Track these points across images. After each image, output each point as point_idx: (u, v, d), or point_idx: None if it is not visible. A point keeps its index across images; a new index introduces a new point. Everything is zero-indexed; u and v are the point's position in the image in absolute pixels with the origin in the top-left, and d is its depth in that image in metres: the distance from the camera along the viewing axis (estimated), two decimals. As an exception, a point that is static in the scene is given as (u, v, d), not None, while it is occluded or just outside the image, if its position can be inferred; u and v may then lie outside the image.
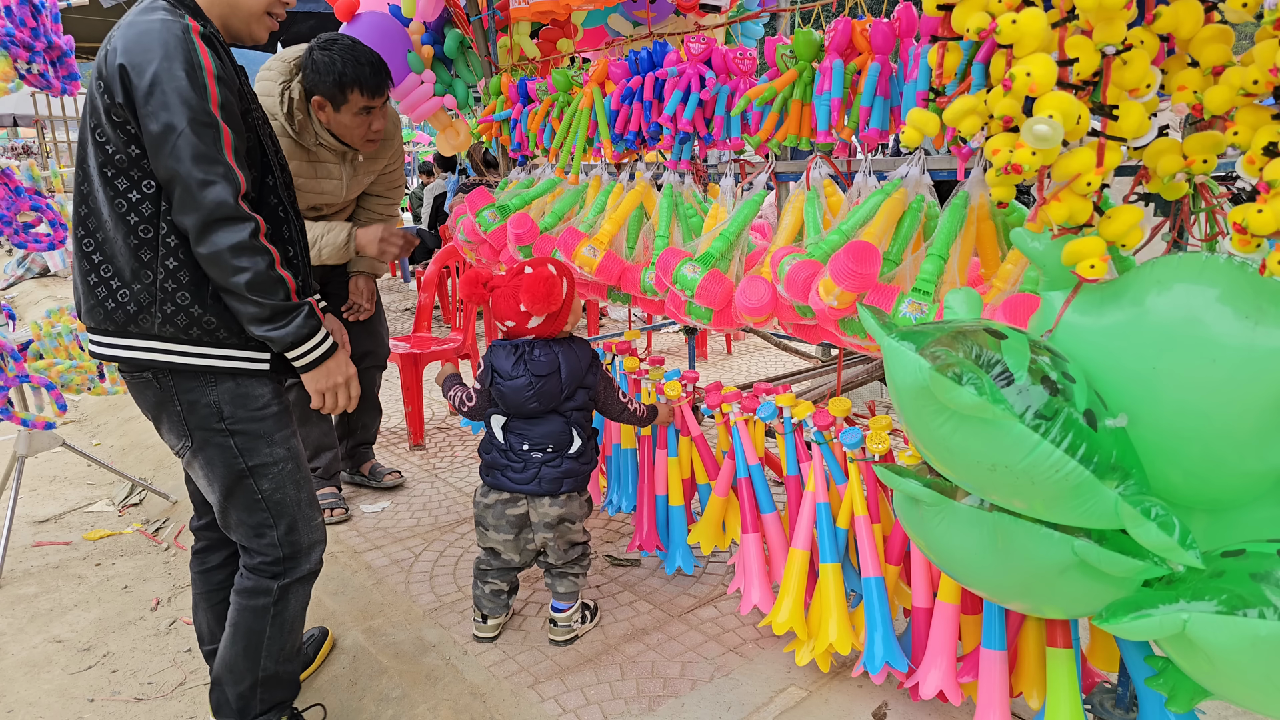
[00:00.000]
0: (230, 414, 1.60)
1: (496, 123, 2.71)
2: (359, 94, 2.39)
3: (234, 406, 1.60)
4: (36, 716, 2.10)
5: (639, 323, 5.35)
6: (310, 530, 1.73)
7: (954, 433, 1.13)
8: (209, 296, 1.55)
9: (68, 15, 4.66)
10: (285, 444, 1.67)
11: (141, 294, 1.53)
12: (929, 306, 1.48)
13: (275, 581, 1.71)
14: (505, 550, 2.11)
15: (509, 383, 2.00)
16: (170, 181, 1.47)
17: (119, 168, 1.49)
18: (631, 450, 2.46)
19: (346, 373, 1.66)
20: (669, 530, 2.37)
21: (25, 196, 3.00)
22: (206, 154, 1.45)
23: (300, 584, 1.75)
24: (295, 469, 1.69)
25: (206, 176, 1.45)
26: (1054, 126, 1.05)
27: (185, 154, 1.44)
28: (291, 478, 1.68)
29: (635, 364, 2.47)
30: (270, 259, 1.51)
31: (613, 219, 2.19)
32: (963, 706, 1.80)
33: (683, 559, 2.33)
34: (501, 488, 2.07)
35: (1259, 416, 1.06)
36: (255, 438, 1.63)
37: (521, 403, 2.00)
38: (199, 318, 1.55)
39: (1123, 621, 1.11)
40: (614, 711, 1.89)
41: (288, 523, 1.69)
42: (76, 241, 1.57)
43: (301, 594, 1.76)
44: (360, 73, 2.36)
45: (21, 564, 2.88)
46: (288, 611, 1.74)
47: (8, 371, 2.81)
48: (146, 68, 1.43)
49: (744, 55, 2.02)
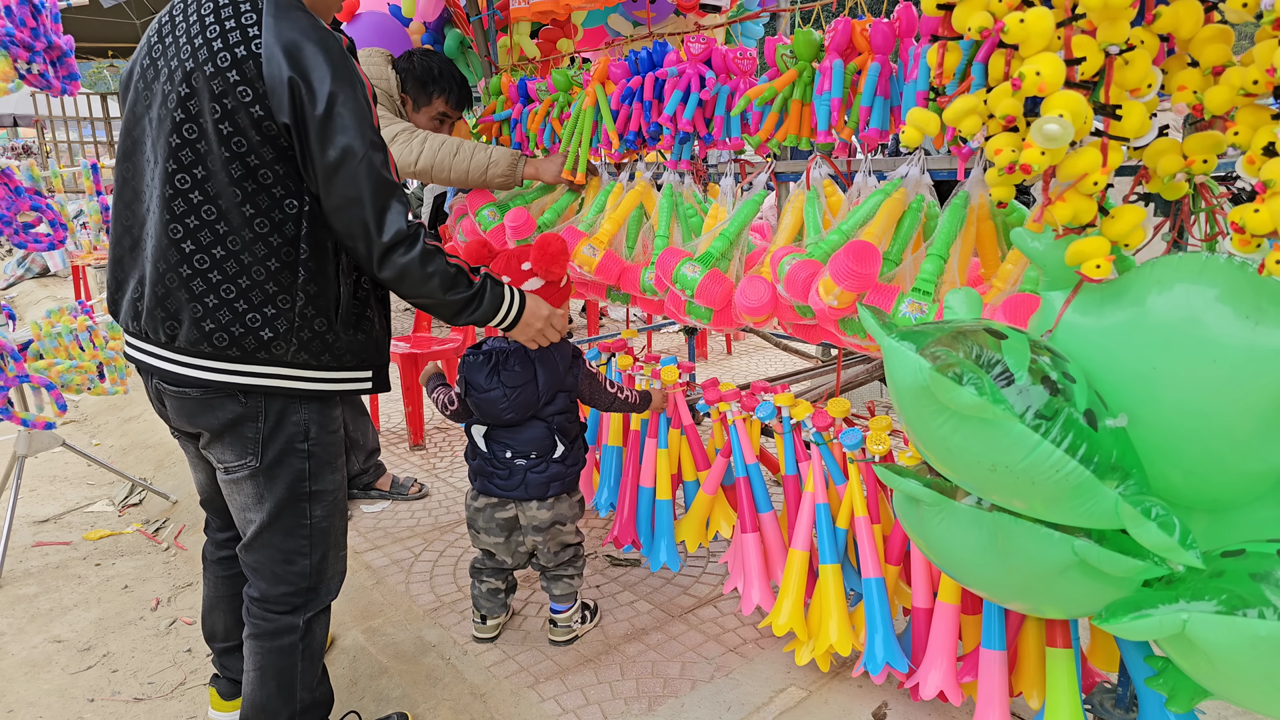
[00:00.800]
0: (315, 435, 1.54)
1: (496, 123, 2.71)
2: (444, 101, 2.60)
3: (319, 428, 1.55)
4: (36, 716, 2.10)
5: (639, 323, 5.35)
6: (338, 560, 1.68)
7: (954, 433, 1.13)
8: (339, 322, 1.50)
9: (68, 15, 4.65)
10: (341, 470, 1.63)
11: (278, 319, 1.44)
12: (929, 306, 1.48)
13: (297, 616, 1.62)
14: (498, 552, 2.11)
15: (483, 395, 1.96)
16: (344, 208, 1.39)
17: (262, 184, 1.38)
18: (618, 448, 2.45)
19: (542, 314, 1.73)
20: (653, 525, 2.33)
21: (25, 196, 3.00)
22: (383, 179, 1.40)
23: (323, 614, 1.68)
24: (342, 498, 1.65)
25: (386, 203, 1.40)
26: (1065, 126, 1.05)
27: (365, 180, 1.37)
28: (339, 507, 1.64)
29: (629, 362, 2.47)
30: (444, 254, 1.49)
31: (612, 219, 2.19)
32: (963, 706, 1.80)
33: (668, 555, 2.29)
34: (489, 493, 2.06)
35: (1259, 416, 1.06)
36: (324, 462, 1.57)
37: (497, 414, 1.98)
38: (332, 344, 1.50)
39: (1123, 621, 1.12)
40: (614, 711, 1.89)
41: (323, 551, 1.62)
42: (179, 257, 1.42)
43: (324, 621, 1.70)
44: (451, 84, 2.59)
45: (21, 564, 2.88)
46: (315, 643, 1.66)
47: (8, 371, 2.81)
48: (320, 86, 1.34)
49: (744, 55, 2.01)
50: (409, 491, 3.18)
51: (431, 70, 2.55)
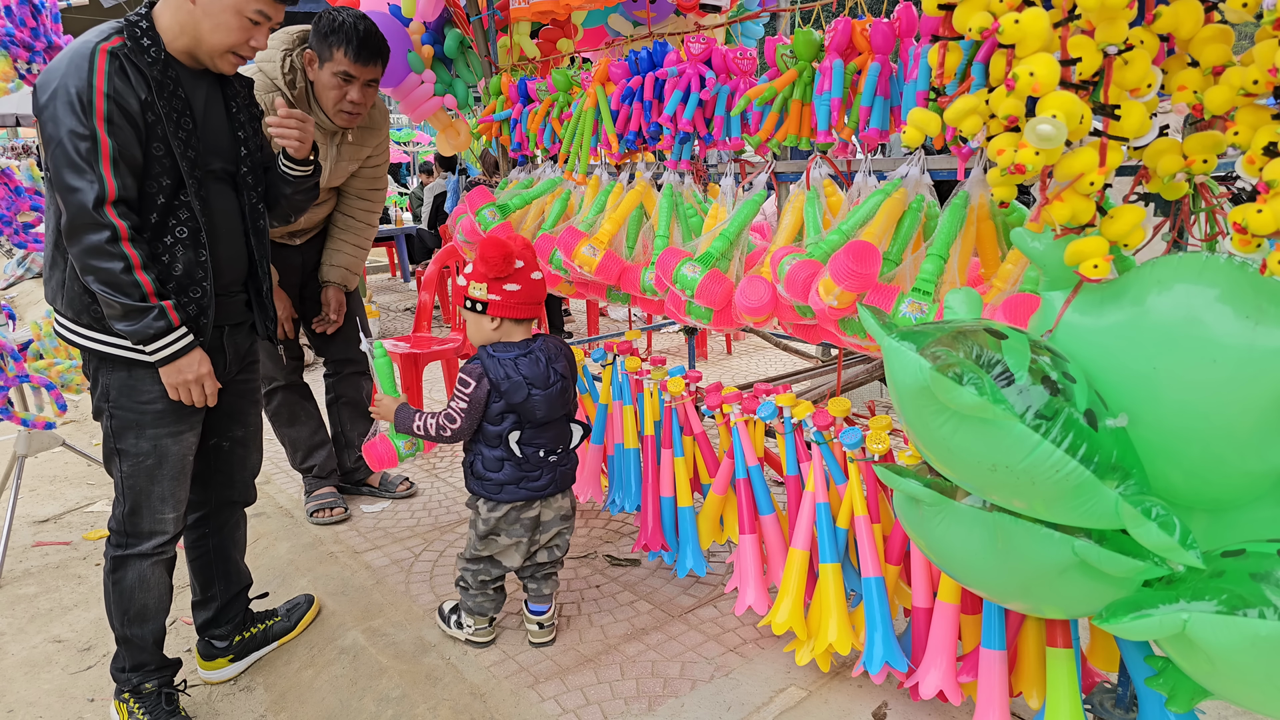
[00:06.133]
0: (115, 398, 1.82)
1: (496, 123, 2.71)
2: (343, 54, 2.43)
3: (118, 393, 1.81)
4: (36, 716, 2.10)
5: (639, 323, 5.35)
6: (153, 520, 1.88)
7: (954, 433, 1.13)
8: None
9: (68, 15, 4.65)
10: (155, 441, 1.83)
11: (55, 281, 1.79)
12: (929, 306, 1.48)
13: (110, 550, 1.90)
14: (515, 557, 2.09)
15: (546, 390, 1.93)
16: (49, 185, 1.69)
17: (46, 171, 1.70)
18: (635, 450, 2.45)
19: (198, 371, 1.80)
20: (677, 531, 2.33)
21: (25, 196, 3.00)
22: (76, 163, 1.61)
23: (137, 559, 1.89)
24: (156, 465, 1.85)
25: (72, 183, 1.62)
26: (1058, 126, 1.05)
27: (59, 162, 1.62)
28: (150, 472, 1.84)
29: (636, 364, 2.47)
30: (126, 263, 1.66)
31: (612, 219, 2.19)
32: (963, 706, 1.80)
33: (694, 561, 2.27)
34: (515, 498, 2.02)
35: (1259, 416, 1.06)
36: (126, 425, 1.82)
37: (558, 408, 1.97)
38: (89, 305, 1.75)
39: (1123, 621, 1.12)
40: (614, 711, 1.89)
41: (131, 504, 1.86)
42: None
43: (139, 569, 1.90)
44: (351, 35, 2.42)
45: (21, 564, 2.88)
46: (124, 583, 1.90)
47: (8, 371, 2.81)
48: (48, 84, 1.63)
49: (744, 55, 2.01)
50: (396, 489, 3.19)
51: (335, 21, 2.43)
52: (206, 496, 2.11)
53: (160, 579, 1.95)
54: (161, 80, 1.71)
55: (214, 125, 1.86)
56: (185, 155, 1.75)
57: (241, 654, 2.24)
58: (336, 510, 2.98)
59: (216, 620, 2.19)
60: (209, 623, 2.19)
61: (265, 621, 2.30)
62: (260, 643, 2.28)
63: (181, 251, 1.78)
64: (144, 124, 1.68)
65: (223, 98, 1.90)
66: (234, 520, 2.19)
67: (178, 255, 1.78)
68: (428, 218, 7.55)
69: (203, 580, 2.16)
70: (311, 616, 2.38)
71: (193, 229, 1.79)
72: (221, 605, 2.19)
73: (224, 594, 2.18)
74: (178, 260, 1.78)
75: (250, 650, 2.26)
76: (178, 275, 1.78)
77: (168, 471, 1.86)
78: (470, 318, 2.00)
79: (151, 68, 1.69)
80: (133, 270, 1.66)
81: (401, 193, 10.82)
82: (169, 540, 1.92)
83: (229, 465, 2.11)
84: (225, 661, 2.21)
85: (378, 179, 2.96)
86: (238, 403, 2.06)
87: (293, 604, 2.38)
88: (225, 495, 2.14)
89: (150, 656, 1.98)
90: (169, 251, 1.77)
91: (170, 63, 1.75)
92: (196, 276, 1.81)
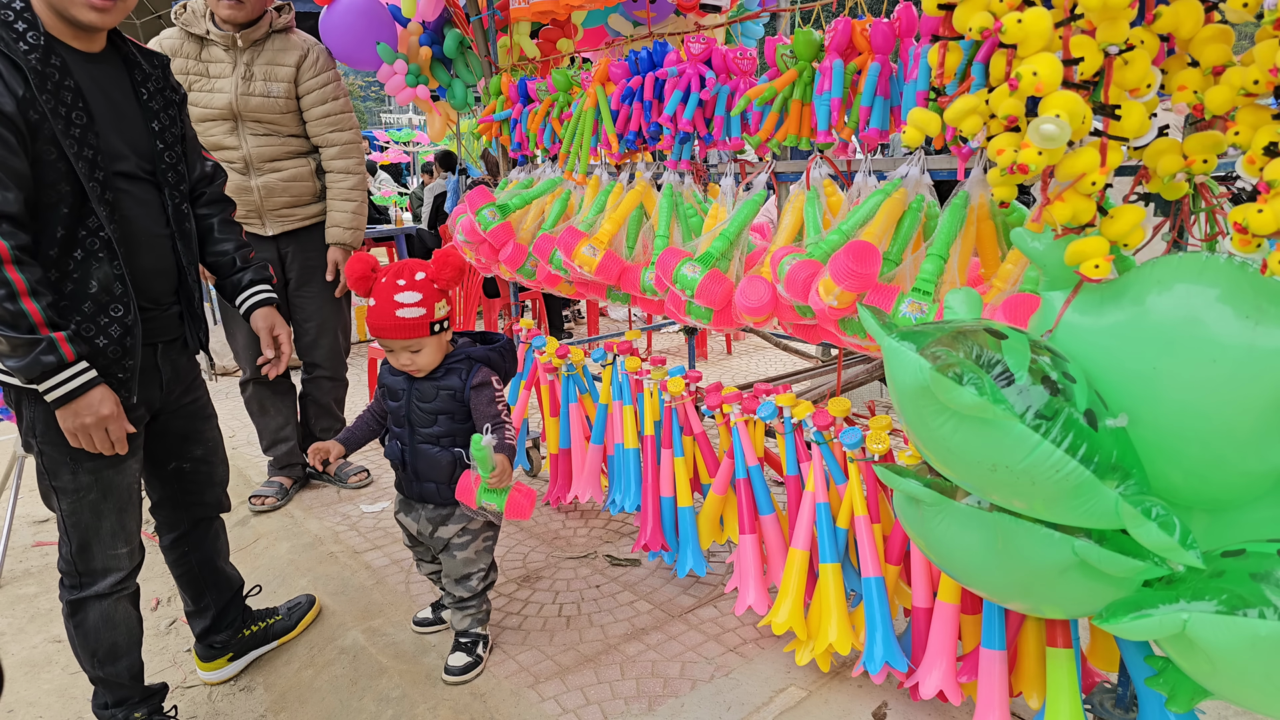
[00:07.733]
0: (42, 433, 1.63)
1: (496, 123, 2.71)
2: None
3: (44, 425, 1.62)
4: (36, 716, 2.10)
5: (639, 323, 5.35)
6: (106, 558, 1.73)
7: (954, 433, 1.13)
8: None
9: None
10: (95, 474, 1.66)
11: None
12: (929, 306, 1.48)
13: (65, 594, 1.75)
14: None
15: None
16: None
17: None
18: (635, 450, 2.45)
19: (98, 413, 1.54)
20: (677, 531, 2.33)
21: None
22: None
23: (96, 600, 1.75)
24: (101, 499, 1.68)
25: None
26: (1061, 126, 1.05)
27: None
28: (93, 507, 1.68)
29: (636, 364, 2.47)
30: (9, 289, 1.42)
31: (612, 219, 2.19)
32: (963, 706, 1.80)
33: (694, 561, 2.27)
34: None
35: (1259, 416, 1.06)
36: (58, 461, 1.64)
37: None
38: None
39: (1123, 621, 1.11)
40: (614, 711, 1.89)
41: (79, 543, 1.70)
42: None
43: (100, 609, 1.76)
44: None
45: (21, 564, 2.88)
46: (88, 624, 1.76)
47: (7, 371, 2.80)
48: None
49: (744, 55, 2.01)
50: (348, 481, 3.27)
51: None
52: (179, 517, 2.05)
53: (126, 613, 1.82)
54: (42, 70, 1.46)
55: (120, 117, 1.63)
56: (82, 155, 1.51)
57: (241, 652, 2.24)
58: (268, 500, 3.09)
59: (215, 626, 2.18)
60: (208, 630, 2.17)
61: (265, 620, 2.30)
62: (260, 640, 2.28)
63: (95, 266, 1.56)
64: (25, 125, 1.44)
65: (130, 83, 1.66)
66: (212, 532, 2.13)
67: (91, 271, 1.56)
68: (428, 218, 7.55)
69: (194, 593, 2.12)
70: (312, 616, 2.38)
71: (104, 239, 1.57)
72: (217, 612, 2.17)
73: (217, 602, 2.16)
74: (91, 277, 1.56)
75: (250, 648, 2.26)
76: (93, 293, 1.57)
77: (114, 505, 1.70)
78: (434, 341, 1.90)
79: (28, 56, 1.44)
80: (17, 298, 1.42)
81: (401, 193, 10.81)
82: (127, 576, 1.78)
83: (196, 484, 2.02)
84: (224, 661, 2.21)
85: (339, 123, 2.87)
86: (190, 424, 1.94)
87: (294, 604, 2.38)
88: (198, 512, 2.07)
89: (131, 691, 1.88)
90: (80, 267, 1.55)
91: (54, 47, 1.49)
92: (115, 292, 1.59)
